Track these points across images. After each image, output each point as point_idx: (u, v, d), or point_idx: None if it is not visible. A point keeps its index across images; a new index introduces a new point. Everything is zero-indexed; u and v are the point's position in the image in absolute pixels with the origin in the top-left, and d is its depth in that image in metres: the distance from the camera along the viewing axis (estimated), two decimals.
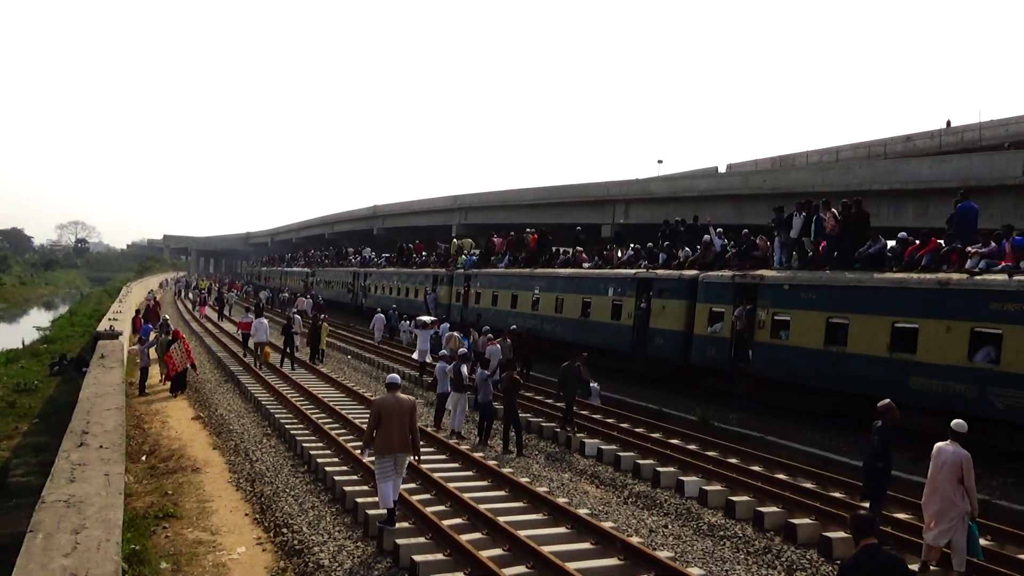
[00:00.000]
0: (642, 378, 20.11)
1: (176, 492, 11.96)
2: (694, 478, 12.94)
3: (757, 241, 20.69)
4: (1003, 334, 13.68)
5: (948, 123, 37.04)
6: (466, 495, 10.98)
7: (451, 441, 14.76)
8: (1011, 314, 13.57)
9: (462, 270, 36.54)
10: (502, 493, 11.57)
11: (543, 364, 24.04)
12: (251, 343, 27.20)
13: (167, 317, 26.14)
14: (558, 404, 17.91)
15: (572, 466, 14.24)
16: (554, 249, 31.45)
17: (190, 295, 67.18)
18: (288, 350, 25.70)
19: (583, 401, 18.96)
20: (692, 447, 15.11)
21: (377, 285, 47.77)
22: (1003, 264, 14.36)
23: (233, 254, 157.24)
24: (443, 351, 20.10)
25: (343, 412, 16.83)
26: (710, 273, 20.89)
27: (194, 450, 14.49)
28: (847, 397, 16.81)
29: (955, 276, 14.76)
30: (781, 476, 13.18)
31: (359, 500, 10.87)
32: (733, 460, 14.26)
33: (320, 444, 14.29)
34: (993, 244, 14.90)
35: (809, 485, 12.69)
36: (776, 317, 18.31)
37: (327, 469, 12.48)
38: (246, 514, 10.99)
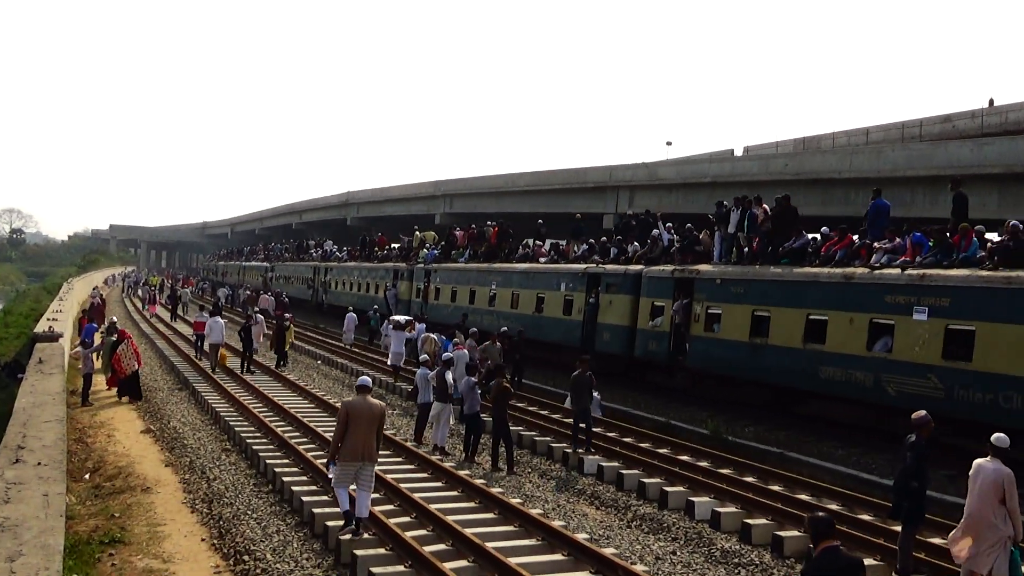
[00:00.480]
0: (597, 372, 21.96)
1: (124, 514, 11.96)
2: (705, 498, 13.04)
3: (701, 236, 22.88)
4: (895, 324, 16.25)
5: (991, 102, 37.07)
6: (450, 518, 11.03)
7: (434, 457, 14.80)
8: (902, 306, 16.16)
9: (422, 265, 38.45)
10: (491, 515, 11.64)
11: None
12: (205, 345, 27.66)
13: (115, 319, 26.13)
14: (566, 420, 17.95)
15: (569, 485, 14.34)
16: (536, 241, 33.49)
17: (139, 292, 67.32)
18: (247, 354, 25.90)
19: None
20: (703, 464, 15.27)
21: (338, 281, 49.91)
22: (902, 259, 16.88)
23: (188, 247, 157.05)
24: (423, 355, 20.61)
25: (312, 424, 16.89)
26: (652, 268, 23.40)
27: (144, 467, 14.52)
28: (770, 388, 19.41)
29: (858, 271, 17.34)
30: (803, 497, 13.29)
31: (330, 524, 10.90)
32: (749, 479, 14.36)
33: (286, 461, 14.37)
34: (898, 240, 17.37)
35: (834, 507, 12.82)
36: (709, 311, 20.91)
37: (294, 489, 12.52)
38: (203, 539, 10.99)
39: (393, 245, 47.02)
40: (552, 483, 14.42)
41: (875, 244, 18.00)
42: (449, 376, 16.29)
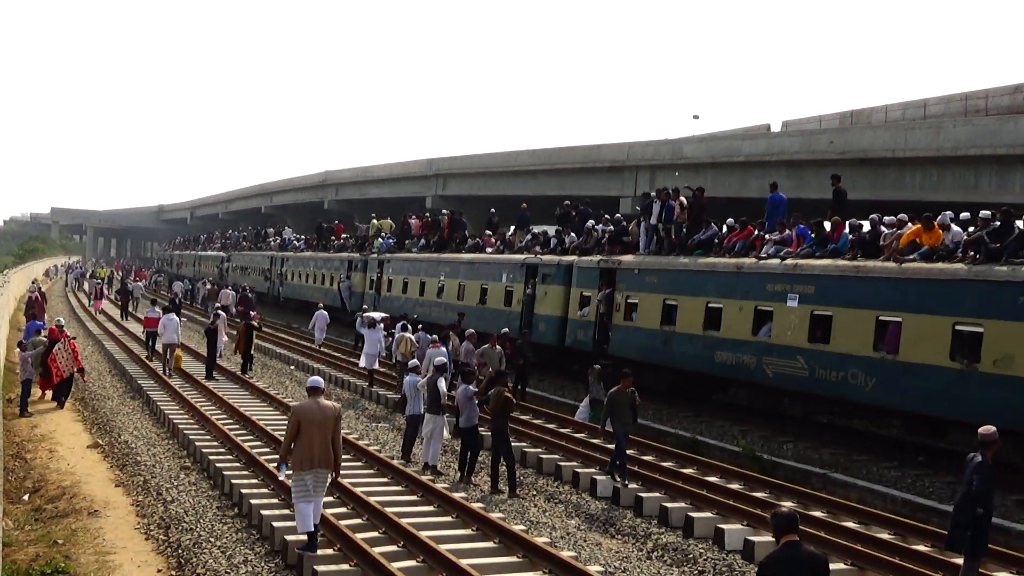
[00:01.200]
0: (533, 365, 25.29)
1: (69, 541, 11.99)
2: (737, 526, 13.07)
3: (629, 227, 26.82)
4: (774, 311, 20.34)
5: None
6: (444, 547, 11.01)
7: (424, 477, 14.88)
8: (779, 294, 20.08)
9: (376, 255, 42.29)
10: (491, 544, 11.64)
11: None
12: (158, 344, 28.08)
13: (61, 320, 26.08)
14: (575, 435, 18.30)
15: (580, 510, 14.39)
16: (487, 232, 36.56)
17: (85, 286, 67.50)
18: (211, 358, 26.12)
19: (598, 427, 19.71)
20: (735, 486, 15.34)
21: (294, 272, 53.76)
22: (786, 250, 20.72)
23: (142, 234, 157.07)
24: (397, 357, 21.54)
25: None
26: (582, 259, 27.54)
27: (91, 487, 14.57)
28: (678, 374, 23.37)
29: (747, 261, 21.42)
30: (849, 524, 13.36)
31: (308, 553, 10.90)
32: (788, 504, 14.27)
33: (255, 480, 14.44)
34: (787, 232, 21.06)
35: (885, 536, 12.87)
36: (629, 300, 25.09)
37: (264, 513, 12.54)
38: (159, 570, 10.99)
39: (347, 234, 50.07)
40: (560, 507, 14.48)
41: (766, 235, 21.85)
42: (442, 384, 16.32)
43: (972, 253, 16.84)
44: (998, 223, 16.82)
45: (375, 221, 46.72)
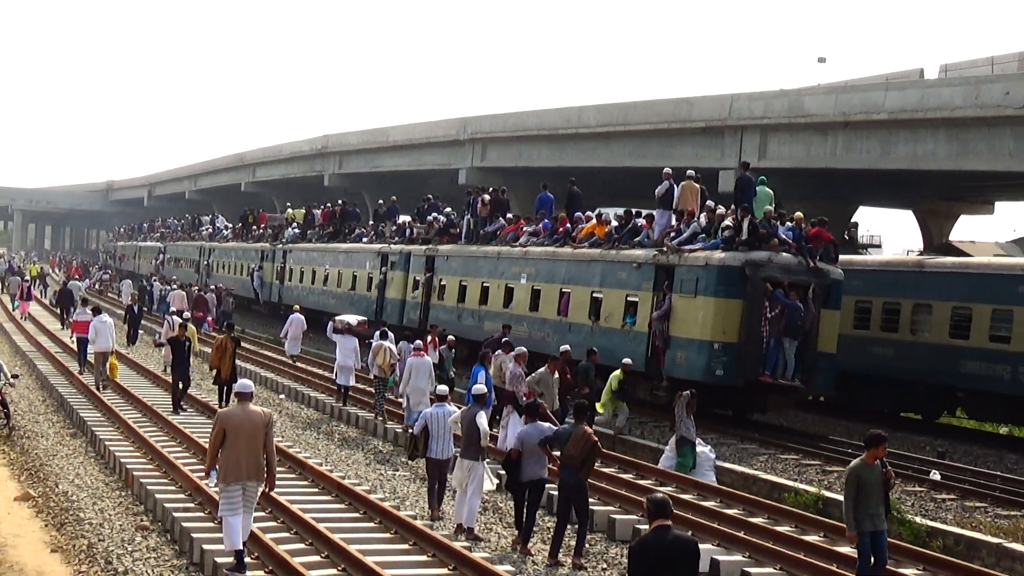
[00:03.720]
0: None
1: None
2: None
3: (456, 220, 41.69)
4: (514, 288, 34.41)
5: None
6: None
7: (458, 544, 14.85)
8: (518, 274, 34.31)
9: (281, 245, 56.57)
10: None
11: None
12: (89, 352, 29.51)
13: None
14: (696, 501, 18.37)
15: None
16: (406, 218, 47.29)
17: (8, 285, 67.51)
18: (181, 386, 26.36)
19: (682, 475, 20.15)
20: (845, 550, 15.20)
21: (220, 263, 67.06)
22: (532, 239, 35.39)
23: (85, 218, 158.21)
24: (374, 370, 24.29)
25: (276, 495, 15.93)
26: (416, 247, 42.03)
27: (21, 552, 14.66)
28: (466, 343, 34.27)
29: (503, 248, 35.78)
30: None
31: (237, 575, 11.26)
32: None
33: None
34: (541, 224, 35.27)
35: None
36: (441, 282, 39.34)
37: None
38: None
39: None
40: None
41: (523, 228, 36.36)
42: (482, 421, 16.45)
43: (615, 241, 31.02)
44: (621, 221, 31.83)
45: (289, 211, 59.49)
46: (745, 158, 39.58)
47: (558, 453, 15.40)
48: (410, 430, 21.09)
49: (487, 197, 38.70)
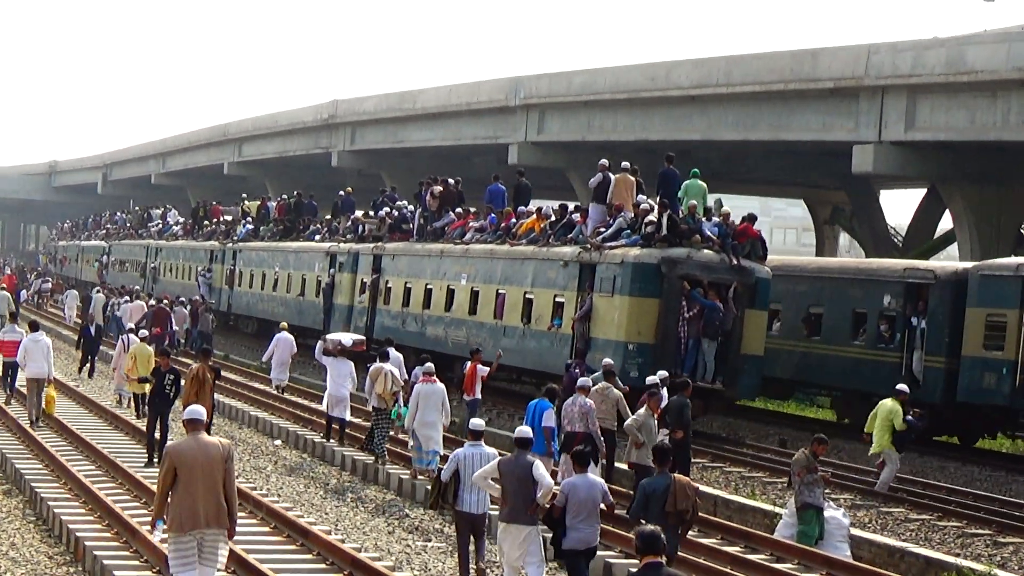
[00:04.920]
0: None
1: None
2: None
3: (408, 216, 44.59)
4: (455, 290, 38.16)
5: None
6: None
7: None
8: (458, 274, 38.36)
9: (231, 244, 58.63)
10: None
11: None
12: (20, 378, 30.50)
13: None
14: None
15: None
16: (369, 213, 49.80)
17: None
18: (158, 428, 25.91)
19: (806, 548, 19.90)
20: None
21: (168, 265, 69.49)
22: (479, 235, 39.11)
23: (20, 210, 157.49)
24: (372, 401, 25.78)
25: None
26: (364, 246, 44.82)
27: None
28: (413, 351, 36.30)
29: (446, 246, 39.14)
30: None
31: None
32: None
33: None
34: (486, 220, 38.96)
35: None
36: (387, 285, 42.12)
37: None
38: None
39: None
40: None
41: (470, 223, 39.57)
42: (541, 472, 15.65)
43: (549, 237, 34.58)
44: (556, 216, 35.50)
45: (246, 203, 61.33)
46: (888, 127, 39.49)
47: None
48: (419, 476, 23.92)
49: (437, 189, 41.37)
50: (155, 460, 25.31)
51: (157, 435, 25.99)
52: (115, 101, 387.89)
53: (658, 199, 31.80)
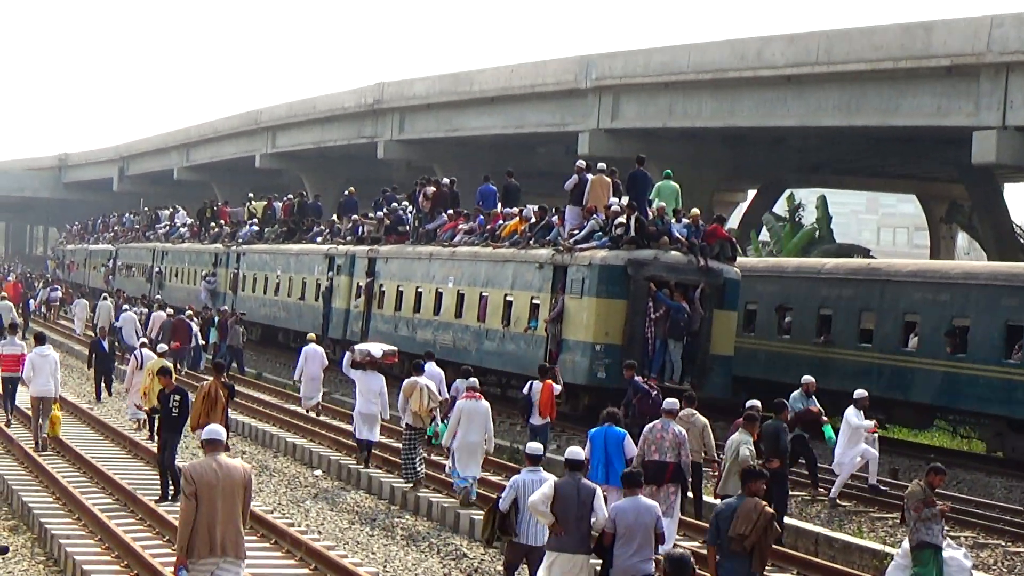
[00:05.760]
0: None
1: None
2: None
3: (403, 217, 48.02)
4: (443, 293, 42.88)
5: None
6: None
7: None
8: (446, 278, 42.89)
9: (235, 247, 62.76)
10: None
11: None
12: (25, 394, 30.50)
13: None
14: None
15: None
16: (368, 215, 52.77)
17: None
18: (168, 460, 25.58)
19: None
20: None
21: (174, 270, 73.22)
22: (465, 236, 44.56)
23: (26, 210, 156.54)
24: (405, 418, 26.11)
25: None
26: (360, 248, 48.26)
27: None
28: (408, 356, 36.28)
29: (435, 249, 43.92)
30: None
31: None
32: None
33: None
34: (475, 221, 43.76)
35: None
36: (381, 288, 45.73)
37: None
38: None
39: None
40: None
41: (460, 225, 43.17)
42: (600, 500, 15.85)
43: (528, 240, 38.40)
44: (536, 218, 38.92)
45: (252, 203, 64.93)
46: (1013, 110, 39.23)
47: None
48: (464, 498, 24.30)
49: (430, 190, 45.39)
50: (169, 495, 25.05)
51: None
52: (132, 86, 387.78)
53: (626, 201, 35.48)
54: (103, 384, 41.48)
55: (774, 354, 40.10)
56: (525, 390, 28.87)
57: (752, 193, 71.73)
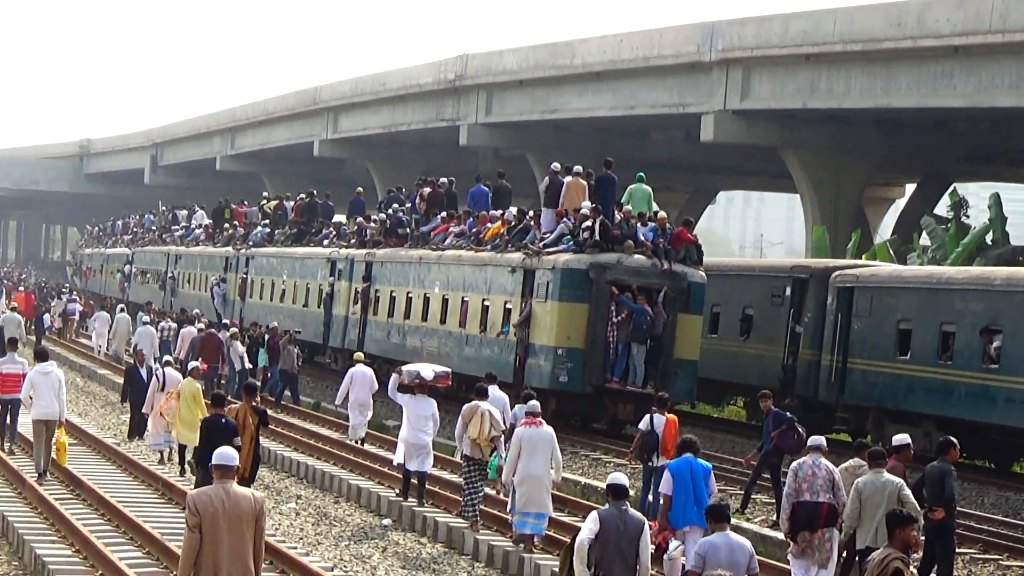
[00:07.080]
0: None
1: None
2: None
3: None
4: (430, 298, 51.15)
5: None
6: None
7: None
8: (435, 283, 51.25)
9: (244, 250, 67.99)
10: None
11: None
12: (27, 416, 31.16)
13: None
14: None
15: None
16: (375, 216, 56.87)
17: None
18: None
19: None
20: None
21: (187, 275, 79.80)
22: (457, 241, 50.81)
23: (43, 205, 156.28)
24: (463, 447, 27.16)
25: None
26: (359, 252, 53.90)
27: None
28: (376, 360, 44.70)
29: (425, 253, 51.51)
30: None
31: None
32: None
33: None
34: (464, 224, 49.92)
35: None
36: (376, 293, 52.13)
37: None
38: None
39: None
40: None
41: (451, 228, 48.93)
42: (647, 537, 16.19)
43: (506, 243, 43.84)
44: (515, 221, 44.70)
45: (267, 202, 71.26)
46: None
47: None
48: (520, 543, 24.70)
49: (426, 190, 51.24)
50: None
51: None
52: (167, 61, 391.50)
53: (592, 204, 40.32)
54: (138, 420, 39.22)
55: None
56: (643, 425, 28.47)
57: (910, 188, 71.07)
